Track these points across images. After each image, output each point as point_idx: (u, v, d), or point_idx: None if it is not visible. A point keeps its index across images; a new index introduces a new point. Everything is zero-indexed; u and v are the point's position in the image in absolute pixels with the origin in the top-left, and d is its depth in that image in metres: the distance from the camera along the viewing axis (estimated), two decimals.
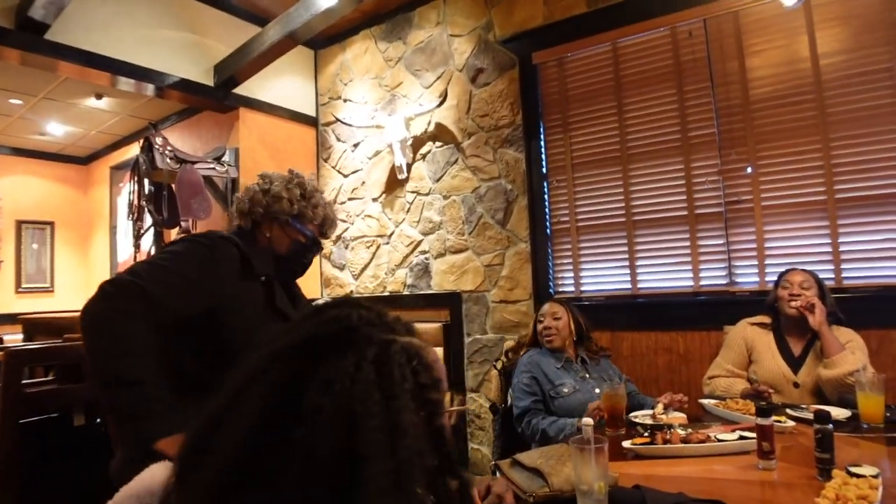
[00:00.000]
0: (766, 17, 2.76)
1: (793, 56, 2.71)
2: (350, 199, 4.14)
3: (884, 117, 2.52)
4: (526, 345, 2.42)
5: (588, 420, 1.85)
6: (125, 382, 1.21)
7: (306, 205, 1.70)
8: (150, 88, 3.47)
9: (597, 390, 2.17)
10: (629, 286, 3.05)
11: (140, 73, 3.33)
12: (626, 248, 3.06)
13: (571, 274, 3.23)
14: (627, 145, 3.07)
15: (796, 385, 2.13)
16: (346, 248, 4.16)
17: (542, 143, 3.33)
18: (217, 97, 3.70)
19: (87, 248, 5.74)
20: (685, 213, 2.91)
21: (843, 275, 2.57)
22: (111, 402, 1.23)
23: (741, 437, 1.60)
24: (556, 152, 3.29)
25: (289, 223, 1.68)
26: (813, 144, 2.64)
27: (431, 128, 3.69)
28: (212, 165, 3.65)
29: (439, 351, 3.52)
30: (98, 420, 2.08)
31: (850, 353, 2.02)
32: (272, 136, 4.01)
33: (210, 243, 1.48)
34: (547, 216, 3.30)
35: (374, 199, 3.99)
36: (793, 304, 2.16)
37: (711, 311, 2.82)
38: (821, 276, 2.39)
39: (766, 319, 2.32)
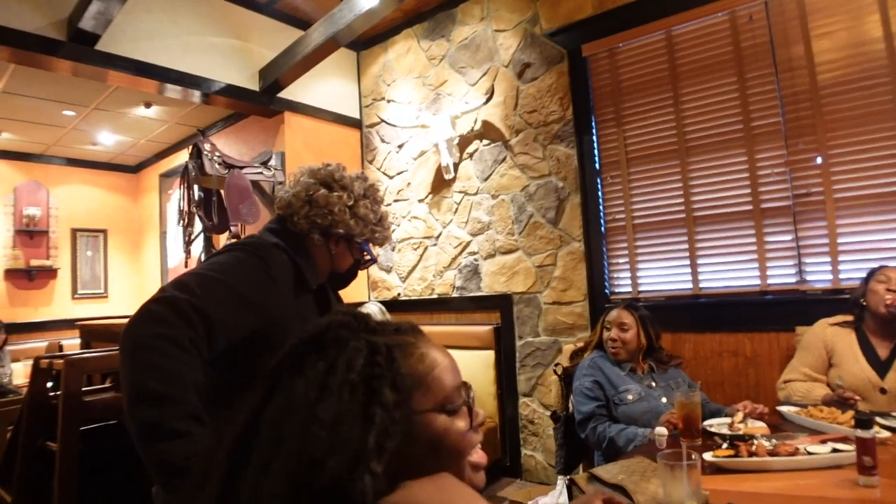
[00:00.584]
0: None
1: (864, 37, 2.54)
2: (396, 200, 4.10)
3: None
4: (590, 347, 2.32)
5: (662, 430, 1.76)
6: (167, 434, 0.99)
7: (380, 228, 1.53)
8: (196, 95, 3.49)
9: (664, 399, 2.07)
10: (690, 286, 2.91)
11: (187, 80, 3.36)
12: (686, 246, 2.93)
13: (628, 274, 3.11)
14: (685, 138, 2.94)
15: (883, 391, 1.98)
16: (393, 250, 4.13)
17: (595, 137, 3.22)
18: (262, 101, 3.71)
19: (139, 255, 5.87)
20: (750, 207, 2.76)
21: None
22: (146, 450, 1.00)
23: (834, 450, 1.48)
24: (609, 147, 3.18)
25: (358, 244, 1.50)
26: (889, 131, 2.47)
27: (478, 126, 3.62)
28: (259, 170, 3.66)
29: (488, 355, 3.45)
30: None
31: None
32: (317, 139, 4.00)
33: (265, 255, 1.30)
34: (601, 214, 3.19)
35: (421, 201, 3.95)
36: (888, 300, 1.99)
37: (780, 311, 2.67)
38: None
39: (848, 318, 2.16)
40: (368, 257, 1.57)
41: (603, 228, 3.19)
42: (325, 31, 3.34)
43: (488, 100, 3.50)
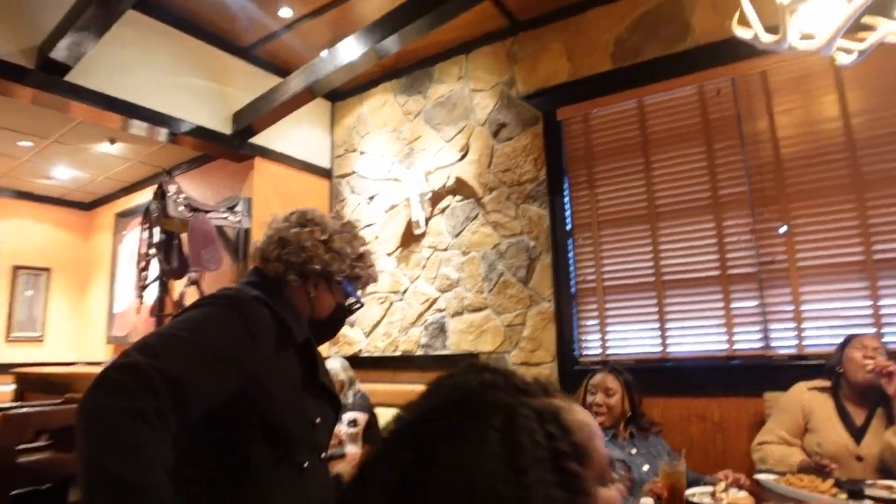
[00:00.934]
0: (793, 77, 2.76)
1: (822, 115, 2.69)
2: None
3: None
4: None
5: (648, 500, 1.70)
6: None
7: (362, 265, 1.42)
8: (164, 133, 3.40)
9: (645, 468, 2.01)
10: (659, 349, 2.92)
11: (157, 118, 3.28)
12: (655, 310, 2.95)
13: (598, 336, 3.10)
14: (656, 203, 3.01)
15: (860, 458, 1.98)
16: None
17: (567, 199, 3.26)
18: (233, 145, 3.65)
19: (84, 297, 5.56)
20: (717, 273, 2.82)
21: (885, 339, 2.45)
22: None
23: None
24: (581, 209, 3.23)
25: (339, 284, 1.38)
26: (848, 203, 2.59)
27: (451, 182, 3.63)
28: (224, 215, 3.56)
29: None
30: None
31: None
32: (286, 187, 3.94)
33: (242, 308, 1.15)
34: (572, 275, 3.20)
35: (389, 254, 3.89)
36: (868, 367, 2.02)
37: (747, 375, 2.69)
38: None
39: (826, 384, 2.18)
40: (353, 300, 1.45)
41: (573, 290, 3.19)
42: (304, 81, 3.35)
43: (463, 156, 3.54)
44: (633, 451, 2.06)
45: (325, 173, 4.24)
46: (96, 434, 0.88)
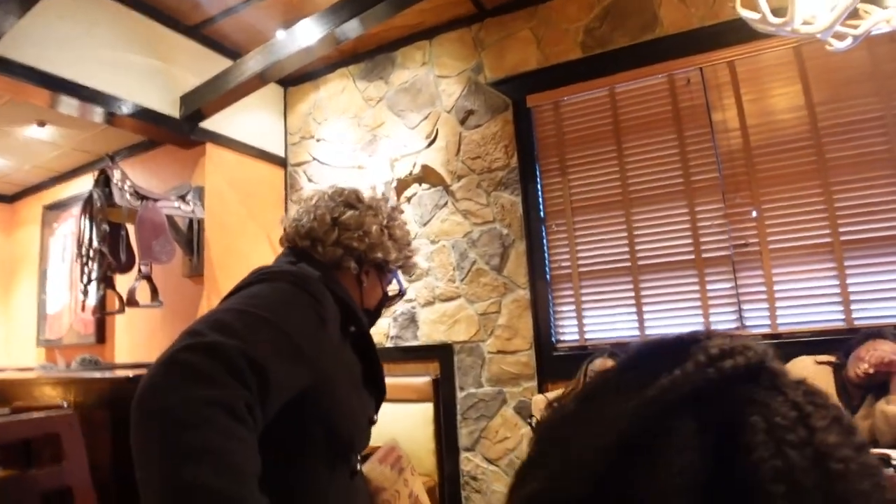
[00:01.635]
0: (760, 67, 2.85)
1: (789, 104, 2.80)
2: None
3: (879, 163, 2.62)
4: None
5: None
6: None
7: (412, 254, 1.33)
8: (101, 114, 3.08)
9: None
10: (637, 332, 2.95)
11: (96, 97, 2.98)
12: (632, 294, 2.98)
13: (575, 321, 3.10)
14: (629, 189, 3.04)
15: None
16: None
17: (539, 186, 3.24)
18: (182, 130, 3.39)
19: (8, 298, 5.03)
20: (692, 256, 2.88)
21: (853, 315, 2.58)
22: None
23: None
24: (554, 196, 3.21)
25: (388, 274, 1.30)
26: (815, 189, 2.70)
27: (417, 170, 3.53)
28: (176, 204, 3.30)
29: (426, 408, 3.26)
30: None
31: None
32: (240, 175, 3.71)
33: (314, 291, 1.01)
34: (546, 261, 3.18)
35: None
36: (860, 372, 2.08)
37: None
38: (830, 316, 2.39)
39: (831, 359, 2.25)
40: (398, 290, 1.36)
41: (548, 276, 3.18)
42: (259, 63, 3.14)
43: (430, 144, 3.45)
44: None
45: (280, 161, 4.03)
46: (176, 433, 0.69)
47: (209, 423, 0.70)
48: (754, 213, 2.79)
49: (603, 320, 3.05)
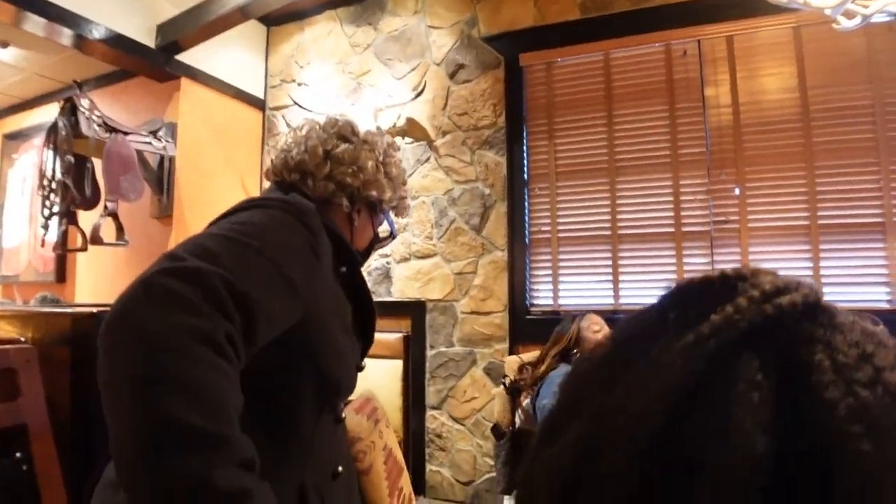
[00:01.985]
0: (758, 45, 2.82)
1: (782, 84, 2.79)
2: None
3: (864, 151, 2.63)
4: (547, 359, 2.23)
5: None
6: (215, 498, 0.59)
7: (405, 195, 1.27)
8: (70, 36, 2.88)
9: None
10: (611, 301, 2.97)
11: (64, 17, 2.79)
12: (609, 262, 2.98)
13: (550, 286, 3.09)
14: (616, 157, 3.01)
15: None
16: None
17: (525, 148, 3.19)
18: (158, 61, 3.21)
19: None
20: (672, 230, 2.89)
21: (825, 299, 2.63)
22: None
23: None
24: (539, 159, 3.17)
25: (380, 215, 1.24)
26: (798, 171, 2.72)
27: (402, 122, 3.43)
28: (147, 139, 3.15)
29: (396, 365, 3.24)
30: (18, 455, 1.54)
31: None
32: (216, 114, 3.55)
33: (310, 223, 0.92)
34: (527, 224, 3.16)
35: None
36: None
37: None
38: None
39: None
40: (389, 231, 1.30)
41: (527, 239, 3.15)
42: None
43: (417, 96, 3.34)
44: None
45: (259, 104, 3.87)
46: (154, 360, 0.61)
47: (189, 352, 0.62)
48: (737, 191, 2.80)
49: (578, 287, 3.05)
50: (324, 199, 1.10)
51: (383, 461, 1.37)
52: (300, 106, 3.59)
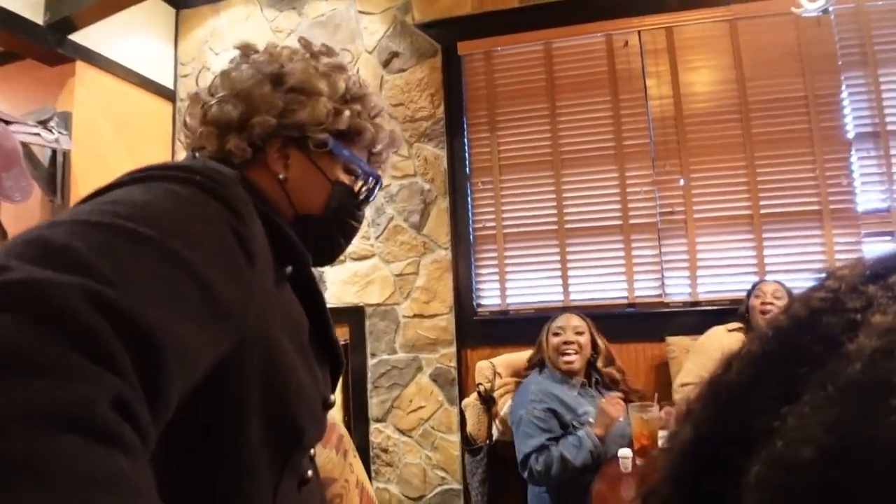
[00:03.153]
0: (697, 37, 2.83)
1: (721, 76, 2.81)
2: None
3: (799, 141, 2.70)
4: (528, 367, 2.09)
5: (626, 451, 1.59)
6: None
7: (361, 109, 0.83)
8: None
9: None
10: (561, 298, 2.87)
11: None
12: (557, 258, 2.88)
13: (497, 285, 2.95)
14: (560, 150, 2.92)
15: None
16: None
17: (466, 140, 3.04)
18: (47, 41, 2.79)
19: None
20: (619, 222, 2.83)
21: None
22: None
23: None
24: (481, 152, 3.03)
25: (326, 147, 0.80)
26: (739, 161, 2.74)
27: None
28: (35, 130, 2.72)
29: None
30: None
31: None
32: (119, 105, 3.15)
33: (232, 198, 0.56)
34: (470, 221, 3.00)
35: None
36: (766, 316, 2.11)
37: (646, 323, 2.76)
38: (747, 286, 2.45)
39: (740, 325, 2.29)
40: (362, 175, 0.85)
41: (472, 237, 3.00)
42: None
43: None
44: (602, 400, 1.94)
45: (168, 94, 3.49)
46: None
47: (42, 457, 0.28)
48: (682, 182, 2.79)
49: (526, 284, 2.93)
50: (247, 158, 0.76)
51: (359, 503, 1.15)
52: None
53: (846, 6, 2.64)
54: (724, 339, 2.26)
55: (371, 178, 0.87)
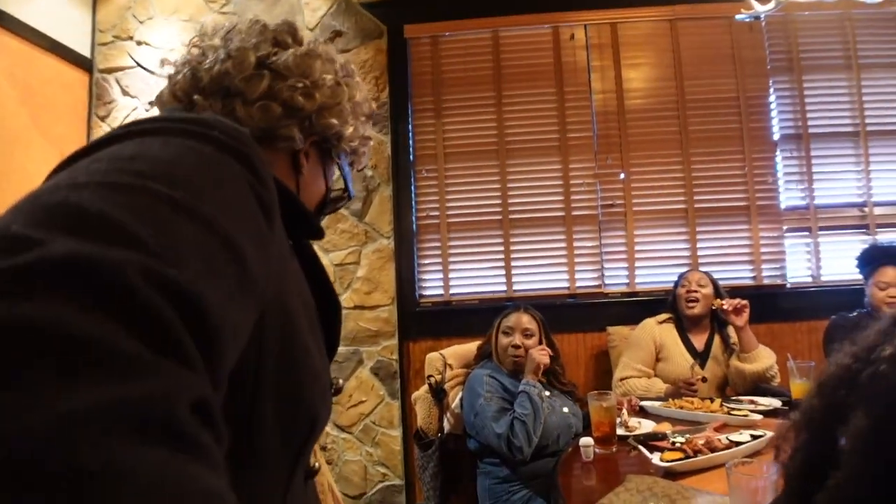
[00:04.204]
0: (640, 34, 2.90)
1: (660, 74, 2.89)
2: None
3: (731, 140, 2.83)
4: (477, 357, 2.06)
5: (588, 440, 1.59)
6: None
7: (369, 137, 0.90)
8: None
9: (565, 409, 1.94)
10: (504, 288, 2.87)
11: None
12: (501, 248, 2.88)
13: (440, 275, 2.91)
14: (505, 139, 2.91)
15: (704, 379, 2.18)
16: None
17: (411, 127, 2.97)
18: None
19: None
20: (562, 214, 2.86)
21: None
22: None
23: (754, 437, 1.51)
24: (425, 139, 2.97)
25: (339, 157, 0.83)
26: (676, 157, 2.83)
27: None
28: None
29: None
30: None
31: (764, 348, 2.14)
32: (25, 71, 2.83)
33: (250, 155, 0.46)
34: (413, 209, 2.94)
35: None
36: (725, 306, 2.17)
37: (586, 312, 2.81)
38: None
39: (669, 316, 2.36)
40: (344, 188, 0.88)
41: (415, 226, 2.94)
42: None
43: None
44: (547, 392, 1.94)
45: (84, 63, 3.19)
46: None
47: (124, 476, 0.21)
48: (622, 175, 2.85)
49: (469, 275, 2.91)
50: (260, 132, 0.71)
51: None
52: (145, 69, 3.02)
53: (777, 14, 2.78)
54: (654, 331, 2.33)
55: (346, 194, 0.91)
